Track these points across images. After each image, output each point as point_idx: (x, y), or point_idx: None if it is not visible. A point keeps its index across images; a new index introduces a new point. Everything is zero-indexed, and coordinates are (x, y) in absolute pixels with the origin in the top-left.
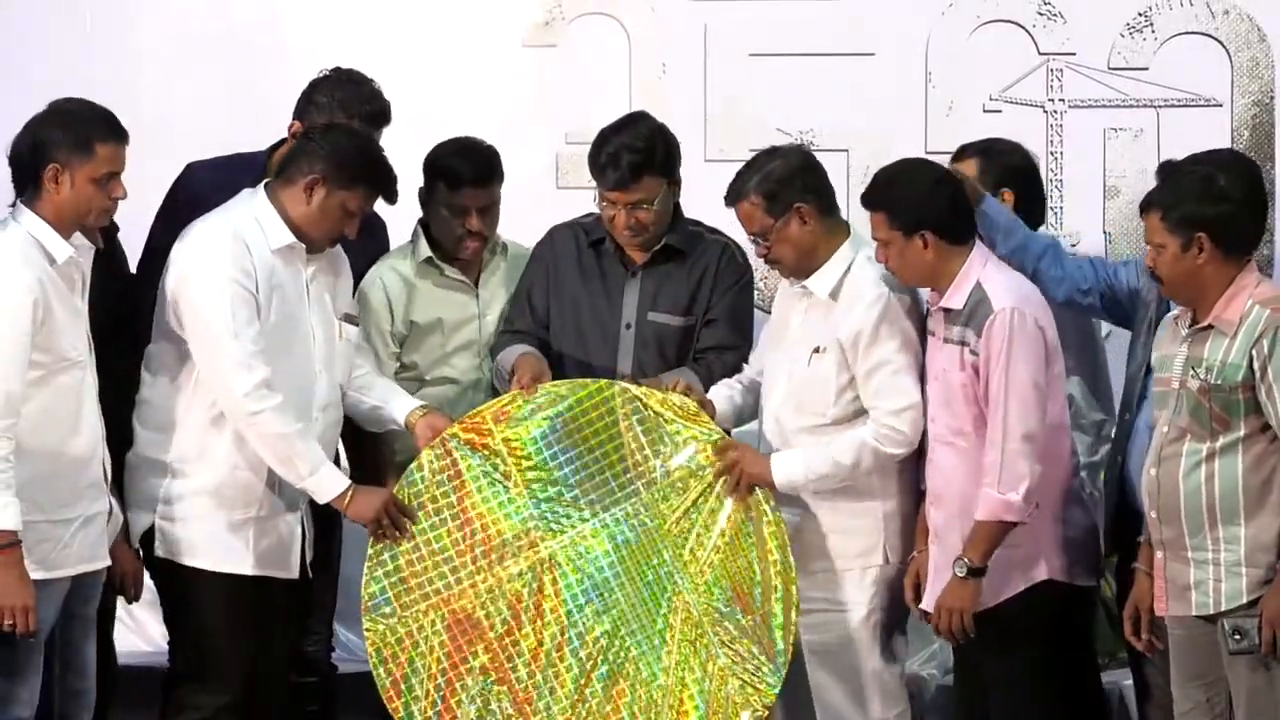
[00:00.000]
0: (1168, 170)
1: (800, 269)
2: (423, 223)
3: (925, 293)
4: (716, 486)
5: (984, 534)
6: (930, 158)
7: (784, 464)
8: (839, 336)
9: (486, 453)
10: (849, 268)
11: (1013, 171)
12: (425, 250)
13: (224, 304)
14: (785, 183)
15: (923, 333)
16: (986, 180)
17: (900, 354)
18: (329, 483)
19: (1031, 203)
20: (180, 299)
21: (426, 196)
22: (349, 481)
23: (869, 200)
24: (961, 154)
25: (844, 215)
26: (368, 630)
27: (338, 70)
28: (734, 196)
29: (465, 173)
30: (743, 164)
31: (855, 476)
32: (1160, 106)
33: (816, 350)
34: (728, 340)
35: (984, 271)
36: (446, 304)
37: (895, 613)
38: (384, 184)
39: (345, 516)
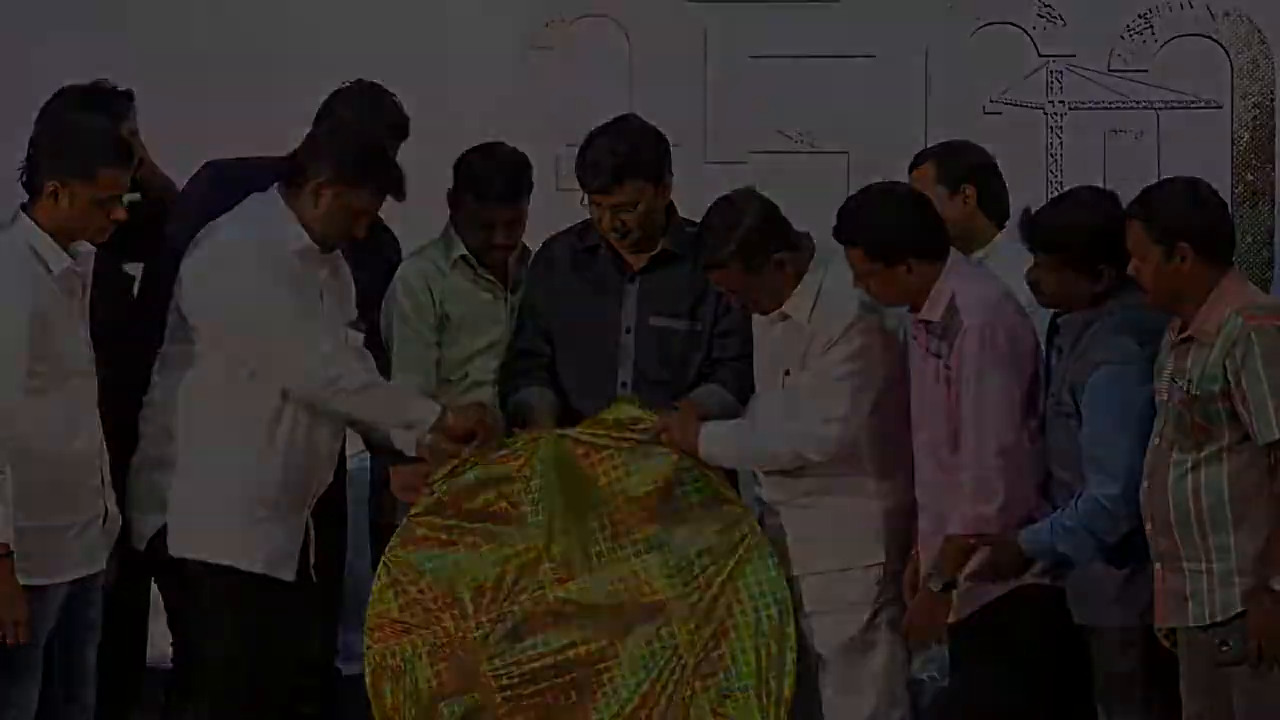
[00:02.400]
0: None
1: (778, 306)
2: (454, 220)
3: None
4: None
5: (958, 548)
6: None
7: (712, 437)
8: (813, 351)
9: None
10: (820, 287)
11: (972, 168)
12: (460, 248)
13: (273, 305)
14: (761, 238)
15: (895, 351)
16: (947, 180)
17: (847, 365)
18: (423, 408)
19: (991, 198)
20: (224, 313)
21: (455, 198)
22: (438, 404)
23: (843, 235)
24: (919, 160)
25: None
26: (368, 647)
27: (359, 82)
28: (711, 267)
29: (493, 188)
30: (702, 224)
31: (774, 465)
32: (1160, 108)
33: (786, 373)
34: (746, 350)
35: (958, 283)
36: (478, 303)
37: (900, 611)
38: (391, 183)
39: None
